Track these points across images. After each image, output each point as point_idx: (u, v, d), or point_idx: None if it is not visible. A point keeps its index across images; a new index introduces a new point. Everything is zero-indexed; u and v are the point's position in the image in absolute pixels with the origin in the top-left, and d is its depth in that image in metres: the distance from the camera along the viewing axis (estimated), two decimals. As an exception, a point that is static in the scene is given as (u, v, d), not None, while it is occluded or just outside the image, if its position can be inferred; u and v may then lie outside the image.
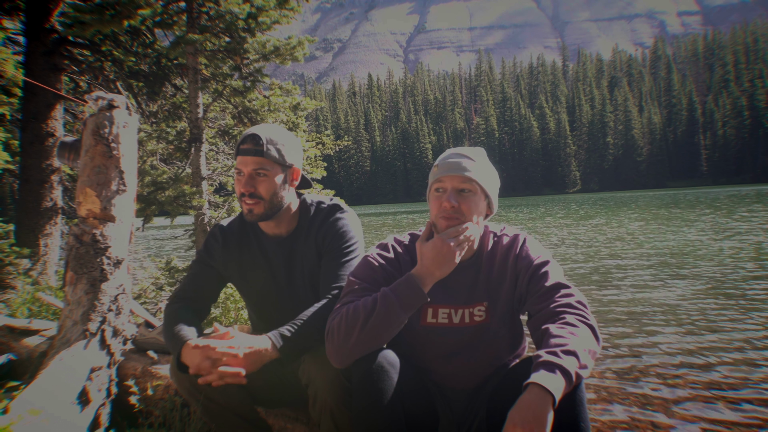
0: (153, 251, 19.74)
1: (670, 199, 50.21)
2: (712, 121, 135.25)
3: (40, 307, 6.11)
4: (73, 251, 2.96)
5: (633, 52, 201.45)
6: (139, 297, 7.74)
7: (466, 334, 2.31)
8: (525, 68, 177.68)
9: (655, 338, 6.00)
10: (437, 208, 2.22)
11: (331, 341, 2.09)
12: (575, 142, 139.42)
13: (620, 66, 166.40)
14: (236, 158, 2.48)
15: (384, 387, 2.00)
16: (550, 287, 2.14)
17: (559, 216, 33.94)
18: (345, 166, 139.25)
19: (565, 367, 1.76)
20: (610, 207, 42.25)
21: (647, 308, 7.48)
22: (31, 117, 8.84)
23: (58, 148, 3.29)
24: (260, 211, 2.47)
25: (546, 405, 1.69)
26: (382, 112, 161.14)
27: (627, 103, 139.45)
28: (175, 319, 2.44)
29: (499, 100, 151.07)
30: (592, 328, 1.97)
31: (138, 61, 9.22)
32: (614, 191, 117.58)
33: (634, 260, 12.19)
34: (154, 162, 8.72)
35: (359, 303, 2.09)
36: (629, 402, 4.17)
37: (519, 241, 2.31)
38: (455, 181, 2.20)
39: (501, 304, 2.30)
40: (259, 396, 2.49)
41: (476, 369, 2.35)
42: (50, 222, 8.95)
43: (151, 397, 2.93)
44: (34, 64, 8.81)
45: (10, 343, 3.51)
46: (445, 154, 2.30)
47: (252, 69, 7.99)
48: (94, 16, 6.95)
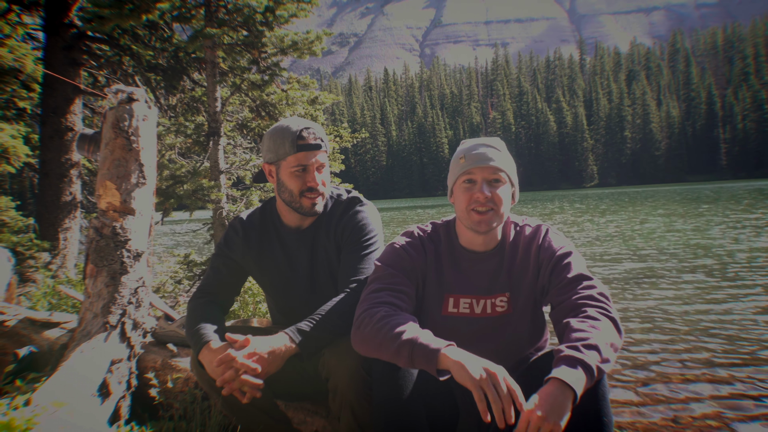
0: (171, 245, 19.86)
1: (691, 194, 49.66)
2: (732, 114, 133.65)
3: (60, 300, 6.16)
4: (93, 244, 2.97)
5: (651, 45, 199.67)
6: (158, 290, 7.78)
7: (488, 325, 2.29)
8: (542, 62, 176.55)
9: (685, 337, 5.93)
10: (467, 200, 2.19)
11: (357, 332, 2.08)
12: (592, 137, 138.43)
13: (638, 59, 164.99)
14: (291, 153, 2.43)
15: (405, 381, 2.00)
16: (572, 278, 2.12)
17: (581, 210, 33.74)
18: (361, 161, 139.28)
19: (586, 361, 1.74)
20: (631, 202, 41.92)
21: (676, 308, 7.40)
22: (51, 111, 8.92)
23: (78, 141, 3.30)
24: (322, 204, 2.48)
25: (566, 399, 1.68)
26: (398, 106, 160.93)
27: (645, 96, 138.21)
28: (197, 315, 2.45)
29: (515, 94, 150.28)
30: (614, 321, 1.94)
31: (156, 55, 9.26)
32: (632, 186, 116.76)
33: (665, 259, 12.08)
34: (172, 156, 8.76)
35: (388, 321, 2.00)
36: (651, 400, 4.13)
37: (542, 232, 2.29)
38: (486, 173, 2.18)
39: (523, 295, 2.28)
40: (278, 389, 2.48)
41: (497, 361, 2.32)
42: (69, 216, 9.03)
43: (170, 390, 2.93)
44: (53, 59, 8.88)
45: (31, 335, 3.53)
46: (469, 145, 2.26)
47: (270, 63, 7.99)
48: (114, 11, 6.98)
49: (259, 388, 2.12)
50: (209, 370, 2.21)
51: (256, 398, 2.16)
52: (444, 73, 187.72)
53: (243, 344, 2.17)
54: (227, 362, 2.11)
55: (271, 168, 2.53)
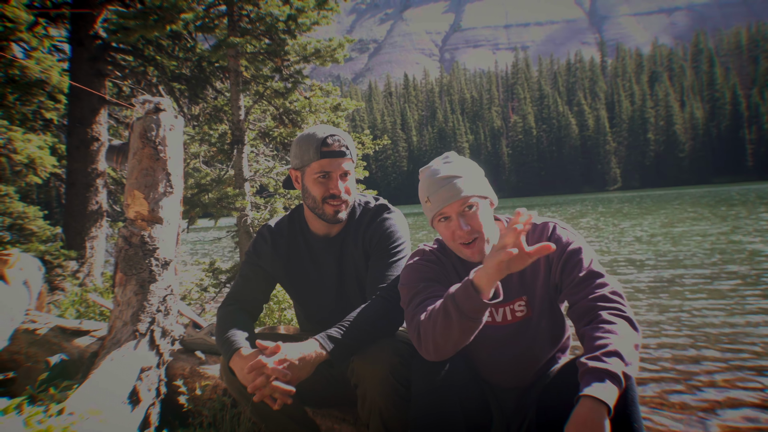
0: (197, 253, 20.00)
1: (718, 196, 48.81)
2: (758, 114, 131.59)
3: (88, 308, 6.23)
4: (122, 253, 3.01)
5: (673, 45, 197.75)
6: (184, 298, 7.83)
7: (511, 331, 2.28)
8: (562, 65, 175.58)
9: (713, 344, 5.85)
10: (451, 237, 2.20)
11: (423, 344, 2.05)
12: (615, 139, 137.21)
13: (660, 60, 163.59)
14: (315, 160, 2.44)
15: (442, 377, 2.02)
16: (584, 277, 2.10)
17: (605, 214, 33.45)
18: (382, 167, 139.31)
19: (612, 371, 1.73)
20: (656, 205, 41.43)
21: (708, 314, 7.30)
22: (77, 122, 9.03)
23: (106, 152, 3.35)
24: (346, 212, 2.48)
25: (601, 416, 1.68)
26: (418, 111, 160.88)
27: (668, 98, 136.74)
28: (227, 323, 2.46)
29: (536, 97, 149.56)
30: (629, 320, 1.93)
31: (180, 64, 9.35)
32: (656, 188, 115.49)
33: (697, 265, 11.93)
34: (197, 164, 8.83)
35: (432, 309, 2.04)
36: (678, 408, 4.08)
37: (549, 228, 2.26)
38: (456, 206, 2.17)
39: (539, 296, 2.26)
40: (307, 396, 2.49)
41: (523, 364, 2.32)
42: (96, 225, 9.12)
43: (199, 397, 2.95)
44: (79, 70, 9.00)
45: (62, 343, 3.57)
46: (429, 183, 2.23)
47: (292, 70, 8.03)
48: (138, 22, 7.06)
49: (290, 394, 2.12)
50: (240, 376, 2.21)
51: (286, 405, 2.16)
52: (464, 77, 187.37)
53: (274, 351, 2.17)
54: (258, 369, 2.12)
55: (297, 174, 2.55)
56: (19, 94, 8.30)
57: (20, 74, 7.87)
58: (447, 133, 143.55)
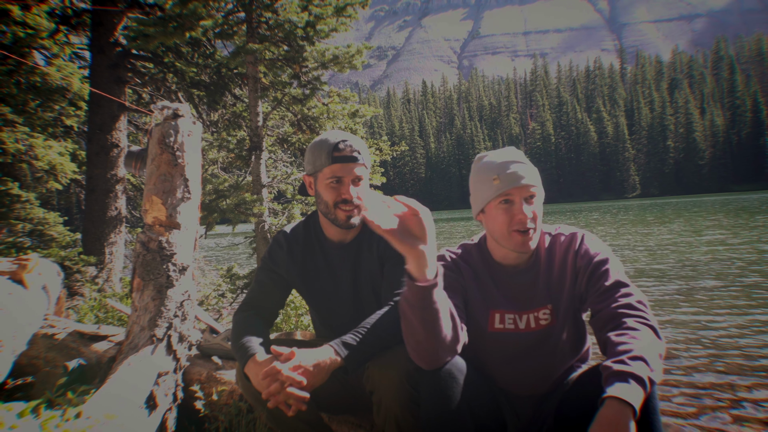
0: (214, 259, 20.09)
1: (738, 204, 48.27)
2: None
3: (106, 314, 6.26)
4: (140, 258, 3.01)
5: (693, 53, 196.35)
6: (202, 303, 7.87)
7: (534, 339, 2.26)
8: (581, 72, 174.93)
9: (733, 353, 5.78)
10: (507, 222, 2.16)
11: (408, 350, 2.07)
12: (634, 146, 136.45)
13: (680, 67, 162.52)
14: (327, 165, 2.44)
15: (453, 393, 1.99)
16: (610, 286, 2.08)
17: (624, 222, 33.22)
18: (400, 173, 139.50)
19: (637, 374, 1.70)
20: (676, 213, 41.06)
21: (728, 326, 7.22)
22: (97, 128, 9.12)
23: (125, 158, 3.36)
24: (359, 218, 2.47)
25: (627, 417, 1.64)
26: (436, 118, 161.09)
27: (688, 105, 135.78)
28: (242, 328, 2.45)
29: (555, 104, 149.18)
30: (653, 329, 1.90)
31: (199, 71, 9.42)
32: (676, 196, 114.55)
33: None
34: (215, 170, 8.88)
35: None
36: (698, 415, 4.02)
37: (577, 239, 2.24)
38: (523, 192, 2.15)
39: (564, 305, 2.25)
40: (323, 402, 2.48)
41: (542, 373, 2.30)
42: (115, 230, 9.20)
43: (216, 403, 2.95)
44: (99, 77, 9.09)
45: (80, 348, 3.59)
46: (499, 162, 2.20)
47: (311, 77, 8.06)
48: (158, 29, 7.12)
49: (305, 400, 2.11)
50: (255, 382, 2.21)
51: (302, 411, 2.15)
52: (482, 84, 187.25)
53: (288, 357, 2.16)
54: (273, 375, 2.11)
55: (310, 179, 2.55)
56: (41, 101, 8.41)
57: (41, 81, 7.97)
58: (465, 140, 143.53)
